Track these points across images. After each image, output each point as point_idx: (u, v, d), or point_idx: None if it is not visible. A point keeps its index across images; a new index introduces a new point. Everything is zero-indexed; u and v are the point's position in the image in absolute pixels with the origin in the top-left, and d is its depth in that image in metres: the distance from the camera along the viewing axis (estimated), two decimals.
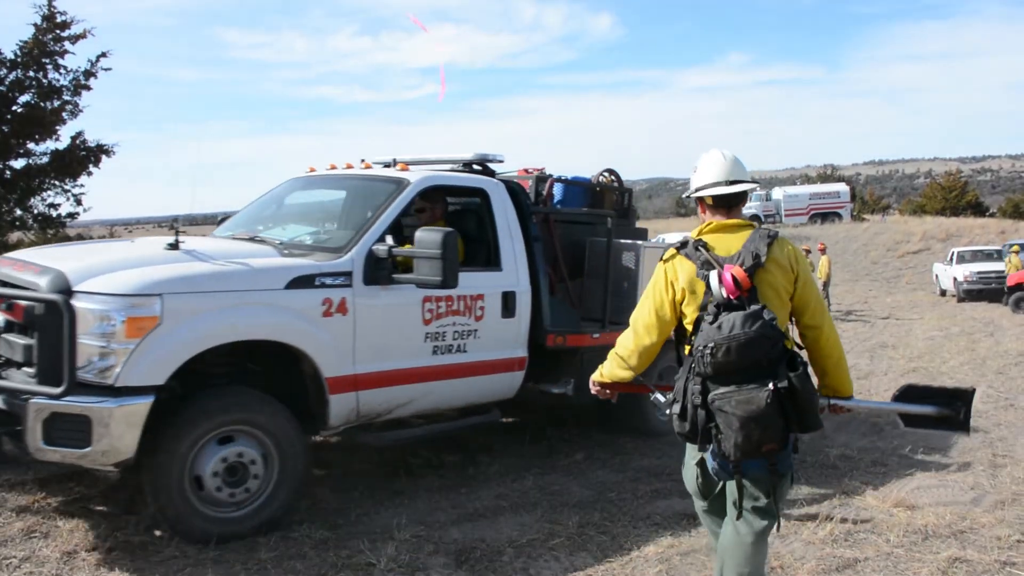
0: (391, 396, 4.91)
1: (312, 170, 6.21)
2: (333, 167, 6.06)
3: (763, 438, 2.73)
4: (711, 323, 2.82)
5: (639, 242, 6.33)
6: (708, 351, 2.75)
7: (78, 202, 12.91)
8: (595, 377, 3.33)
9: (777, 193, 47.34)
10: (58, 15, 11.90)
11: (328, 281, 4.56)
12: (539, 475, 5.58)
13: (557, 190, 6.62)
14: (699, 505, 3.36)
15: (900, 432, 6.90)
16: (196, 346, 4.05)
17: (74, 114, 12.39)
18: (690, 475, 3.28)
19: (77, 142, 12.52)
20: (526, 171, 6.65)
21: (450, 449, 6.04)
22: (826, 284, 19.92)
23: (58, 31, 11.90)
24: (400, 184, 5.27)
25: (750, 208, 46.71)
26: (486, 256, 5.56)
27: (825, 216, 43.43)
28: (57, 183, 12.61)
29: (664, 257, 3.14)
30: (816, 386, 2.99)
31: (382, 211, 5.02)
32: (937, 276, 25.49)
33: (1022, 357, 11.02)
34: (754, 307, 2.81)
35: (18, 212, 12.47)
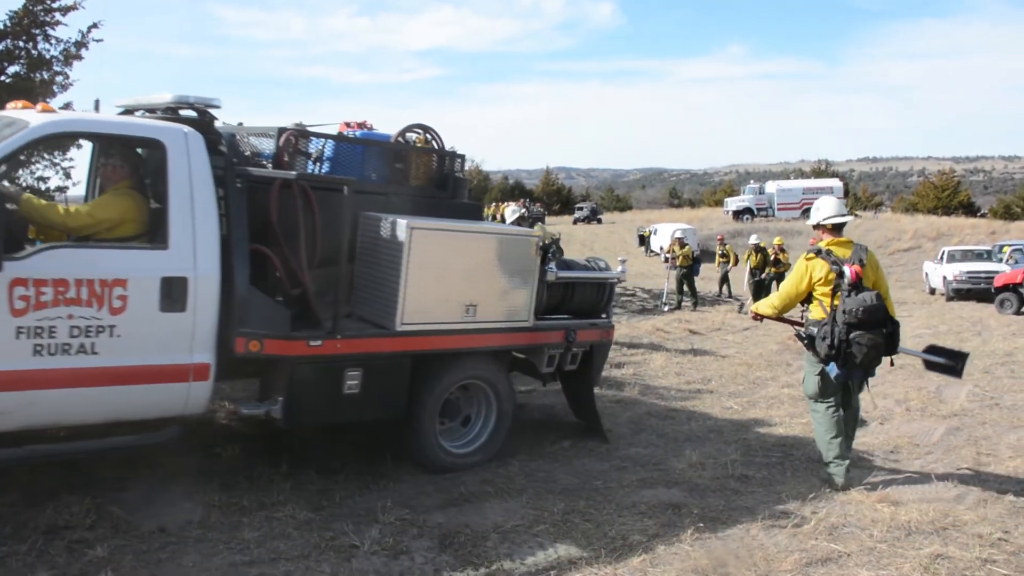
0: None
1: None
2: (17, 105, 4.69)
3: (876, 360, 5.16)
4: (855, 296, 5.06)
5: (401, 219, 4.87)
6: (858, 310, 5.01)
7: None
8: (753, 308, 5.76)
9: (771, 187, 47.43)
10: None
11: None
12: (525, 461, 5.58)
13: (328, 148, 5.19)
14: (815, 403, 5.39)
15: (885, 429, 6.95)
16: None
17: (64, 87, 12.24)
18: (812, 383, 5.36)
19: None
20: (347, 125, 5.62)
21: None
22: None
23: (48, 1, 11.73)
24: (12, 127, 4.06)
25: (743, 202, 46.89)
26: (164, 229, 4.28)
27: None
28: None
29: (807, 256, 5.36)
30: None
31: None
32: (927, 274, 25.55)
33: (1008, 357, 11.07)
34: (874, 291, 5.13)
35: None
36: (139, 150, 4.68)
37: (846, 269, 5.14)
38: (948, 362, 5.55)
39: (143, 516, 4.20)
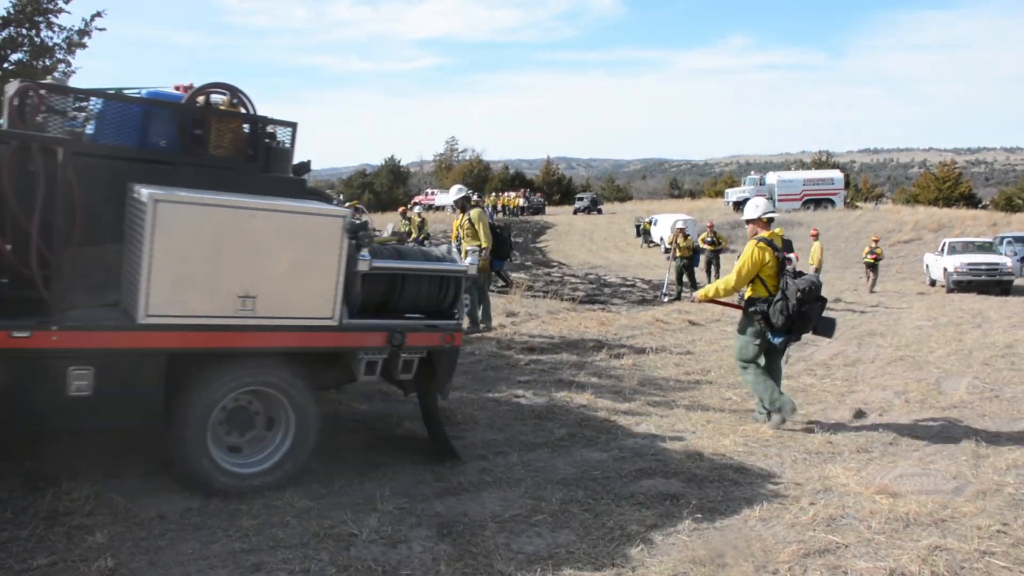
0: None
1: None
2: None
3: (810, 327, 6.45)
4: (802, 277, 6.37)
5: (145, 188, 4.12)
6: (808, 288, 6.26)
7: None
8: (701, 294, 6.90)
9: (771, 178, 47.35)
10: None
11: None
12: (524, 451, 5.58)
13: (98, 108, 4.52)
14: (748, 366, 6.61)
15: (884, 421, 6.96)
16: None
17: (67, 74, 12.21)
18: (749, 350, 6.56)
19: None
20: (176, 88, 5.09)
21: None
22: (817, 270, 19.96)
23: None
24: None
25: (744, 193, 46.84)
26: None
27: (818, 202, 43.53)
28: None
29: (760, 245, 6.46)
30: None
31: None
32: (928, 266, 25.54)
33: (1008, 349, 11.06)
34: (815, 274, 6.87)
35: None
36: None
37: (791, 256, 6.65)
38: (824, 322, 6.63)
39: (142, 503, 4.21)
